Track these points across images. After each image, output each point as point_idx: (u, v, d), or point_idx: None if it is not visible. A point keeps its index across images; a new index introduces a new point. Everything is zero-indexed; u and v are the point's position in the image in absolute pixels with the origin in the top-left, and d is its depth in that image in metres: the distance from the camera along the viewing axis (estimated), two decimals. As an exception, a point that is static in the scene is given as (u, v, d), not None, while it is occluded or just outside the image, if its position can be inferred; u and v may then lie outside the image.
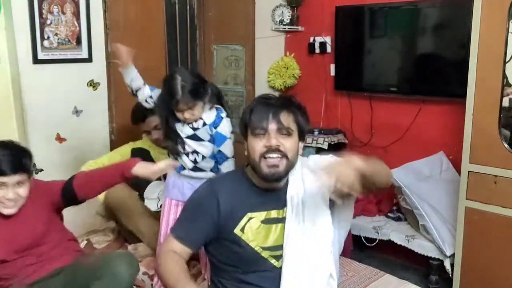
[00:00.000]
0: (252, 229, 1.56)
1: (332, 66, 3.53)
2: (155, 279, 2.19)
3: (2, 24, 2.50)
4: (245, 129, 1.57)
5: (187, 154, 2.06)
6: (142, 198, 2.59)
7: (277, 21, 3.71)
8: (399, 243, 2.87)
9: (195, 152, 2.06)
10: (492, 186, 2.39)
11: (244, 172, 1.63)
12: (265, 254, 1.56)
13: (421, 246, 2.78)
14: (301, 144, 1.60)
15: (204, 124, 2.04)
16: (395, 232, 2.90)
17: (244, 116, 1.58)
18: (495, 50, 2.31)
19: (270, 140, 1.50)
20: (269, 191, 1.59)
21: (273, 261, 1.57)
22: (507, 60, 2.33)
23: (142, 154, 2.55)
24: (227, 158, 2.06)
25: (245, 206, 1.58)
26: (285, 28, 3.72)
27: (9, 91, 2.57)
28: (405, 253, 2.88)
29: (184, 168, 2.08)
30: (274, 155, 1.50)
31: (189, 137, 2.04)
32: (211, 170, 2.09)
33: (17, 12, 2.46)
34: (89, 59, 2.75)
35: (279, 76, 3.73)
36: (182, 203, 2.09)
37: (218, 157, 2.07)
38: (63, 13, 2.62)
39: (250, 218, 1.57)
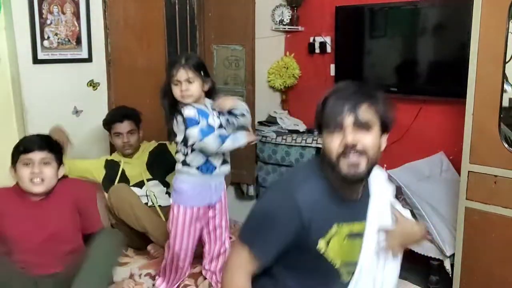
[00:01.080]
0: (337, 243, 1.38)
1: (332, 66, 3.53)
2: (158, 280, 2.19)
3: (2, 24, 2.51)
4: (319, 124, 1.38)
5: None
6: None
7: (277, 21, 3.71)
8: (399, 243, 2.86)
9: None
10: (492, 186, 2.39)
11: (322, 173, 1.39)
12: (343, 269, 1.43)
13: (421, 246, 2.77)
14: (384, 138, 1.39)
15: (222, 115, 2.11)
16: (395, 232, 2.90)
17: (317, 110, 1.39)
18: (495, 50, 2.31)
19: (346, 137, 1.29)
20: (352, 200, 1.41)
21: (344, 276, 1.44)
22: (507, 60, 2.33)
23: (113, 165, 2.67)
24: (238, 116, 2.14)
25: (331, 216, 1.37)
26: (285, 28, 3.72)
27: (9, 91, 2.57)
28: (405, 253, 2.86)
29: (214, 169, 2.11)
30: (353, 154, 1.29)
31: (220, 126, 2.09)
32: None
33: (17, 12, 2.46)
34: (89, 59, 2.75)
35: (279, 76, 3.73)
36: (210, 208, 2.18)
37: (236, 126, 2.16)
38: (63, 13, 2.62)
39: (337, 231, 1.38)
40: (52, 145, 1.98)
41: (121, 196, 2.45)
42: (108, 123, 2.67)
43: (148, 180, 2.67)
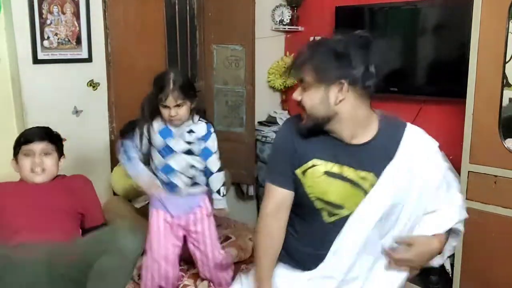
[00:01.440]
0: (311, 177, 1.48)
1: (332, 66, 3.52)
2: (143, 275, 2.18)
3: (2, 24, 2.51)
4: None
5: (180, 173, 2.06)
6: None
7: (277, 21, 3.71)
8: (399, 243, 2.86)
9: (193, 166, 2.07)
10: (492, 186, 2.39)
11: None
12: (319, 206, 1.49)
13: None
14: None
15: (197, 138, 2.06)
16: (395, 232, 2.90)
17: None
18: (495, 50, 2.31)
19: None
20: (350, 146, 1.48)
21: (325, 217, 1.49)
22: (507, 60, 2.33)
23: None
24: (211, 172, 2.10)
25: (313, 149, 1.49)
26: (285, 28, 3.72)
27: (9, 91, 2.57)
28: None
29: (174, 190, 2.07)
30: None
31: (185, 152, 2.04)
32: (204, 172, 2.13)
33: (17, 12, 2.46)
34: (89, 59, 2.75)
35: (279, 76, 3.73)
36: (175, 219, 2.13)
37: (206, 171, 2.11)
38: (63, 13, 2.62)
39: (313, 165, 1.48)
40: (52, 136, 2.05)
41: (117, 211, 2.46)
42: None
43: None
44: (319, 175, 1.48)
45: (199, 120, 2.08)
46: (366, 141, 1.48)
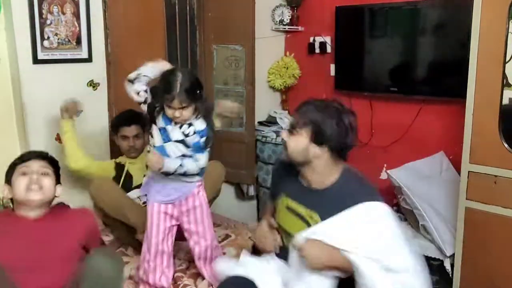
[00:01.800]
0: (280, 209, 1.85)
1: (332, 66, 3.53)
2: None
3: (2, 24, 2.51)
4: None
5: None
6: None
7: (277, 21, 3.71)
8: (399, 243, 2.86)
9: (183, 156, 2.07)
10: (492, 186, 2.39)
11: None
12: (283, 234, 1.83)
13: (421, 246, 2.77)
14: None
15: (194, 132, 2.05)
16: (395, 232, 2.90)
17: None
18: (495, 50, 2.31)
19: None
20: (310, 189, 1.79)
21: (285, 242, 1.81)
22: (507, 60, 2.33)
23: (120, 167, 2.71)
24: (199, 168, 2.10)
25: (284, 187, 1.86)
26: (285, 28, 3.72)
27: (9, 91, 2.57)
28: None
29: (169, 173, 2.06)
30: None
31: (178, 141, 2.05)
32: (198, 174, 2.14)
33: (17, 12, 2.46)
34: (89, 59, 2.75)
35: (279, 76, 3.73)
36: (169, 205, 2.14)
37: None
38: (63, 13, 2.62)
39: (282, 199, 1.85)
40: (51, 159, 1.89)
41: (102, 190, 2.46)
42: (116, 126, 2.73)
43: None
44: (282, 208, 1.84)
45: (200, 118, 2.08)
46: (322, 188, 1.77)
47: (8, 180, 1.82)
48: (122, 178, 2.66)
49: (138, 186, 2.62)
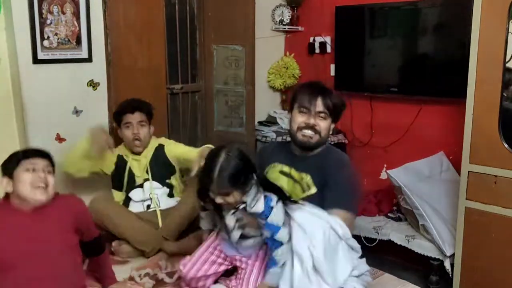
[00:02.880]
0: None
1: (332, 66, 3.53)
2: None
3: (2, 24, 2.50)
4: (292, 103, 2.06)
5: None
6: (126, 202, 2.62)
7: (277, 21, 3.71)
8: (399, 243, 2.87)
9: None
10: (492, 186, 2.39)
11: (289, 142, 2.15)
12: None
13: (421, 246, 2.78)
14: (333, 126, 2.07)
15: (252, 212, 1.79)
16: (395, 232, 2.90)
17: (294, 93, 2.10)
18: (495, 50, 2.31)
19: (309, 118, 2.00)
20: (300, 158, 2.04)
21: None
22: (507, 60, 2.33)
23: (122, 162, 2.61)
24: (281, 244, 1.79)
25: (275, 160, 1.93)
26: (285, 28, 3.72)
27: (9, 91, 2.57)
28: (405, 253, 2.88)
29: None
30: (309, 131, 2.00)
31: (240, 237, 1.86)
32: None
33: (17, 12, 2.46)
34: (89, 59, 2.75)
35: (279, 76, 3.73)
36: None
37: (270, 244, 1.82)
38: (63, 13, 2.62)
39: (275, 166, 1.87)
40: (52, 158, 1.85)
41: (98, 208, 2.42)
42: (119, 114, 2.61)
43: (149, 179, 2.62)
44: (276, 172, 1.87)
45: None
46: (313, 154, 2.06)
47: (9, 173, 1.75)
48: (126, 176, 2.58)
49: (141, 185, 2.60)
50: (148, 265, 2.30)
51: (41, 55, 2.56)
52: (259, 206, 1.76)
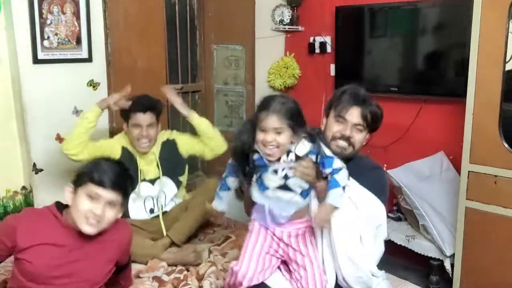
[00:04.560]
0: None
1: (332, 66, 3.53)
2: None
3: (2, 24, 2.50)
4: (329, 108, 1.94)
5: (275, 171, 1.72)
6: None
7: (277, 21, 3.71)
8: (399, 243, 2.87)
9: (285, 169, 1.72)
10: (492, 186, 2.39)
11: None
12: None
13: (421, 246, 2.78)
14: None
15: (296, 157, 1.70)
16: (395, 232, 2.90)
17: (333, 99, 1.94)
18: (495, 50, 2.31)
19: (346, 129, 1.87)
20: None
21: None
22: (507, 60, 2.33)
23: (130, 157, 2.50)
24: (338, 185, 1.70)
25: None
26: (285, 28, 3.72)
27: (9, 91, 2.57)
28: (405, 253, 2.88)
29: (267, 188, 1.74)
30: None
31: (279, 187, 1.73)
32: (301, 193, 1.75)
33: (17, 12, 2.46)
34: (89, 59, 2.75)
35: (279, 76, 3.73)
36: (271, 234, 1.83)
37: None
38: (63, 13, 2.62)
39: None
40: (126, 184, 1.68)
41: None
42: (129, 112, 2.47)
43: (160, 176, 2.54)
44: None
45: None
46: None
47: (76, 186, 1.62)
48: (139, 177, 2.49)
49: (151, 181, 2.53)
50: (149, 269, 2.29)
51: (41, 55, 2.56)
52: (304, 147, 1.70)
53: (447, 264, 2.66)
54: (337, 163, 1.73)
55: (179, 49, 3.40)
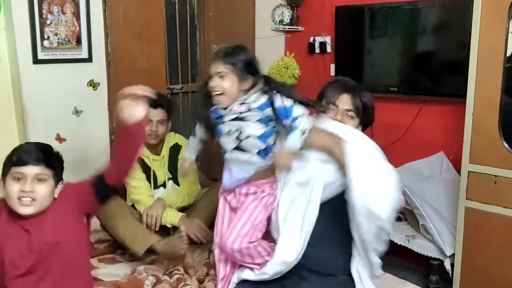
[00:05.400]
0: None
1: (332, 66, 3.53)
2: None
3: (2, 24, 2.51)
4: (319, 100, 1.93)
5: (228, 133, 1.79)
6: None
7: (277, 21, 3.71)
8: (399, 243, 2.86)
9: (238, 130, 1.78)
10: (492, 186, 2.39)
11: None
12: None
13: (421, 246, 2.77)
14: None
15: (249, 109, 1.76)
16: (395, 232, 2.90)
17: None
18: (495, 50, 2.31)
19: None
20: None
21: None
22: (507, 60, 2.33)
23: (145, 167, 2.49)
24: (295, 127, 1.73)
25: None
26: (285, 28, 3.72)
27: (9, 91, 2.57)
28: (405, 253, 2.88)
29: (225, 151, 1.84)
30: None
31: (233, 119, 1.79)
32: (259, 153, 1.80)
33: (17, 12, 2.46)
34: (89, 59, 2.75)
35: (279, 76, 3.73)
36: (231, 194, 1.91)
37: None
38: (63, 13, 2.62)
39: None
40: (51, 158, 1.66)
41: (110, 213, 2.29)
42: None
43: (168, 179, 2.55)
44: None
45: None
46: None
47: (4, 173, 1.63)
48: (151, 179, 2.50)
49: (163, 185, 2.54)
50: (154, 266, 2.29)
51: (41, 55, 2.56)
52: (259, 100, 1.75)
53: (447, 264, 2.66)
54: (297, 110, 1.74)
55: (179, 49, 3.40)
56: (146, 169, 2.52)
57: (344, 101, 1.89)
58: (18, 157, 1.60)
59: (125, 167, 1.67)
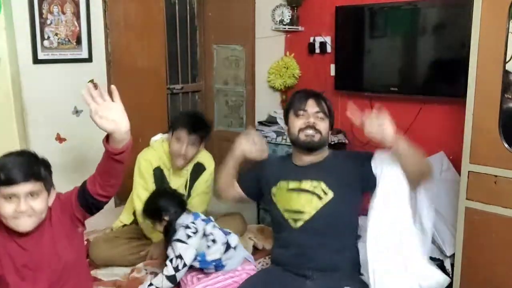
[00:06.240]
0: (280, 194, 2.02)
1: (332, 66, 3.53)
2: None
3: (2, 24, 2.50)
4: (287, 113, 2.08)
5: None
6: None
7: (277, 21, 3.71)
8: (399, 243, 2.86)
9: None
10: (492, 186, 2.38)
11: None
12: (287, 216, 1.98)
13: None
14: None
15: None
16: (395, 232, 2.90)
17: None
18: (495, 50, 2.31)
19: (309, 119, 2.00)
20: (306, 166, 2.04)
21: (292, 223, 1.96)
22: (507, 60, 2.33)
23: (160, 176, 2.47)
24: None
25: (280, 173, 2.06)
26: (285, 28, 3.72)
27: (9, 91, 2.57)
28: (405, 253, 2.88)
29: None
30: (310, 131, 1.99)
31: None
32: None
33: (17, 12, 2.46)
34: (89, 59, 2.75)
35: (279, 76, 3.73)
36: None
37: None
38: (63, 13, 2.62)
39: (281, 185, 2.03)
40: (39, 169, 1.57)
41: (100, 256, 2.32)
42: (176, 125, 2.40)
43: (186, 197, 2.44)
44: (283, 193, 2.02)
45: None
46: (319, 161, 2.05)
47: None
48: None
49: None
50: (153, 263, 2.30)
51: (41, 55, 2.56)
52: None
53: (447, 264, 2.66)
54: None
55: (179, 49, 3.40)
56: (161, 180, 2.45)
57: (312, 105, 2.01)
58: (6, 177, 1.50)
59: (108, 183, 1.61)
